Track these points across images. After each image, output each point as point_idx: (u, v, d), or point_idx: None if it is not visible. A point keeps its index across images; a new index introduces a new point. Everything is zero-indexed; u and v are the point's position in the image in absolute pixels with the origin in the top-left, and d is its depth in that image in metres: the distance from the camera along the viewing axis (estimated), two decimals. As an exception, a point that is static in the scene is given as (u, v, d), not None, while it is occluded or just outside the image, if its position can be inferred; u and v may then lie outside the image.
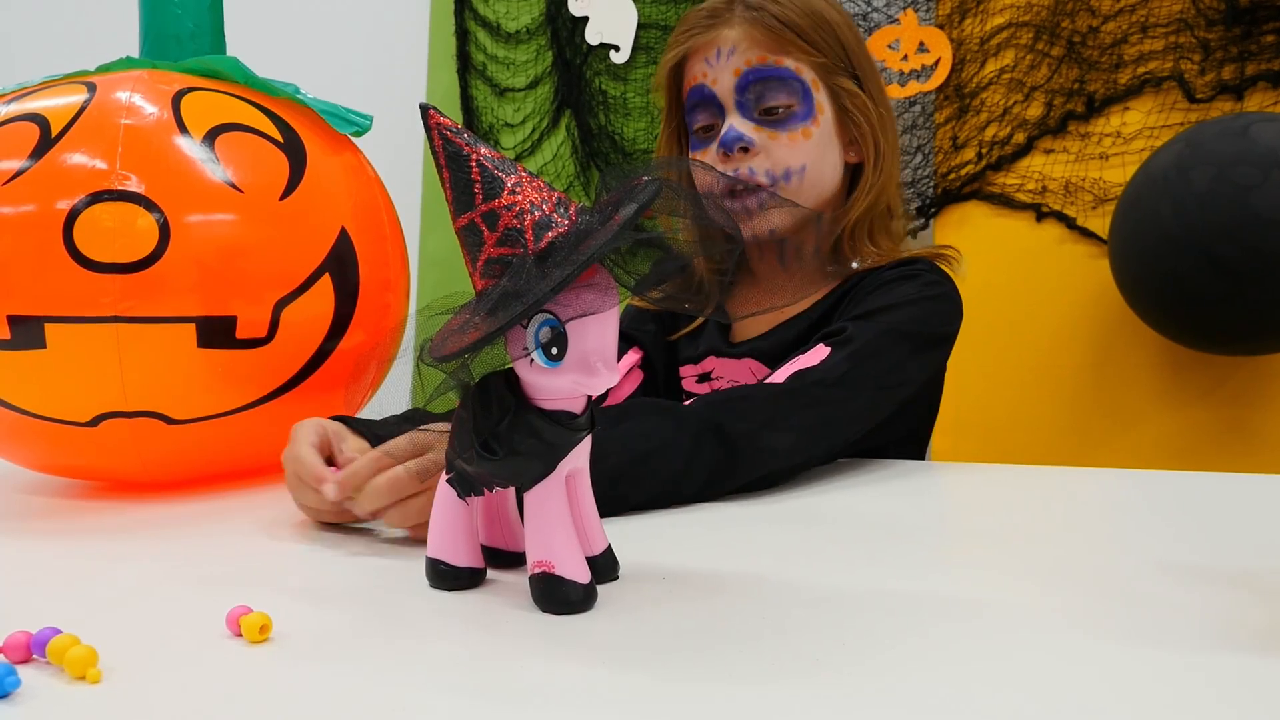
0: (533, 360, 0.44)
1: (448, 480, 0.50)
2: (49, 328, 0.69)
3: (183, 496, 0.77)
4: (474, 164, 0.44)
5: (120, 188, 0.70)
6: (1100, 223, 1.56)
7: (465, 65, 2.13)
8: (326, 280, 0.78)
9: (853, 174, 0.92)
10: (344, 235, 0.80)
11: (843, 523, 0.64)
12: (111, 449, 0.74)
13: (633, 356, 0.99)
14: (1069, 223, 1.59)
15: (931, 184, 1.69)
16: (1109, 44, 1.58)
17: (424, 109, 0.45)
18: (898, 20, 1.69)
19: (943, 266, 0.90)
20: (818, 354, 0.77)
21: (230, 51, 0.86)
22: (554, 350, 0.44)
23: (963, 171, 1.66)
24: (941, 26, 1.67)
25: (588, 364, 0.44)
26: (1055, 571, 0.52)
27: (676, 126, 0.95)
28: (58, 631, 0.42)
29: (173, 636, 0.45)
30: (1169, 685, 0.37)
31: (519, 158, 2.08)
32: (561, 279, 0.41)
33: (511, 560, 0.53)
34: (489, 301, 0.44)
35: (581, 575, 0.47)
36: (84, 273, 0.69)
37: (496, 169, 0.45)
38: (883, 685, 0.38)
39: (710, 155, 0.89)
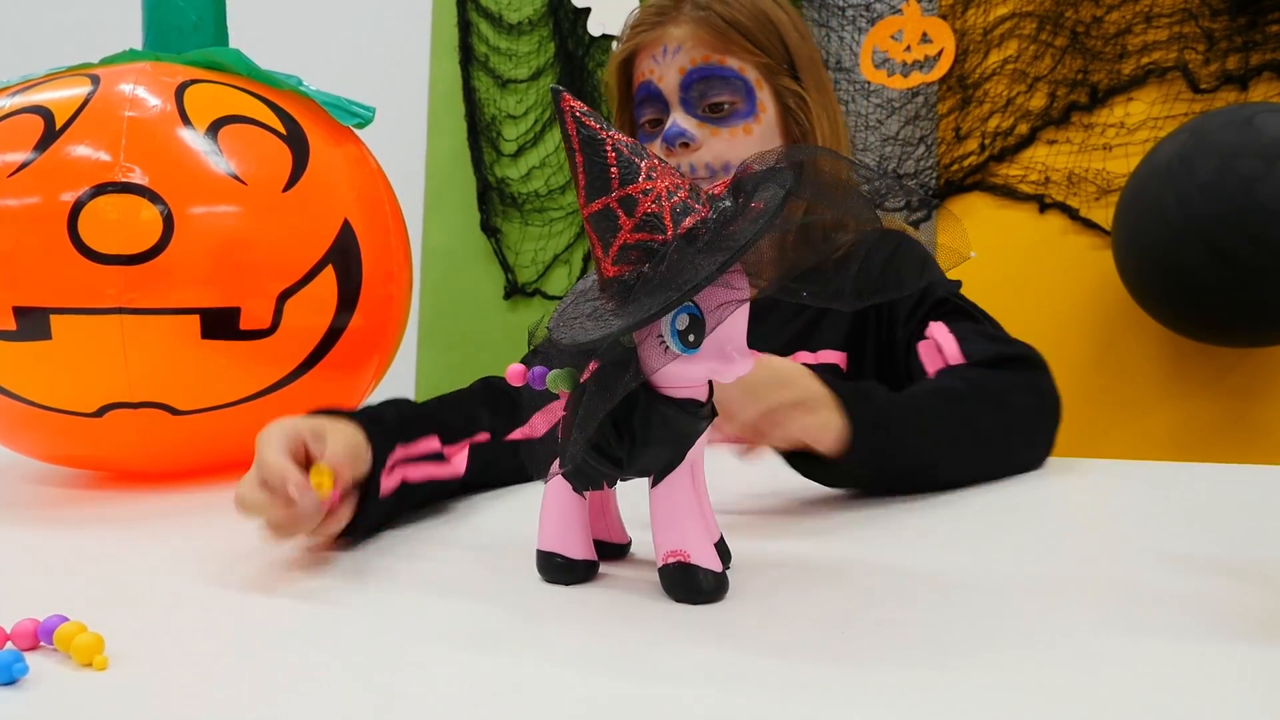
0: (667, 347, 0.44)
1: (563, 474, 0.49)
2: (54, 319, 0.70)
3: (187, 487, 0.77)
4: (609, 148, 0.44)
5: (124, 180, 0.70)
6: (1103, 214, 1.56)
7: (468, 57, 2.12)
8: (329, 272, 0.78)
9: None
10: (347, 227, 0.80)
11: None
12: (116, 439, 0.75)
13: None
14: (1072, 214, 1.59)
15: (934, 175, 1.69)
16: (1113, 34, 1.57)
17: (556, 93, 0.45)
18: (901, 10, 1.68)
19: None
20: (948, 338, 0.81)
21: (232, 44, 0.86)
22: (691, 337, 0.44)
23: (965, 163, 1.65)
24: (944, 17, 1.66)
25: (724, 351, 0.44)
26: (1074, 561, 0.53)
27: (628, 120, 0.97)
28: (64, 619, 0.42)
29: (180, 624, 0.45)
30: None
31: (520, 150, 2.08)
32: (723, 263, 0.41)
33: (614, 552, 0.53)
34: (625, 288, 0.44)
35: (714, 563, 0.47)
36: (89, 264, 0.69)
37: (632, 154, 0.44)
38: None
39: (655, 149, 0.91)
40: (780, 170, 0.46)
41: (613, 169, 0.45)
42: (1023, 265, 1.61)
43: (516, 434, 0.71)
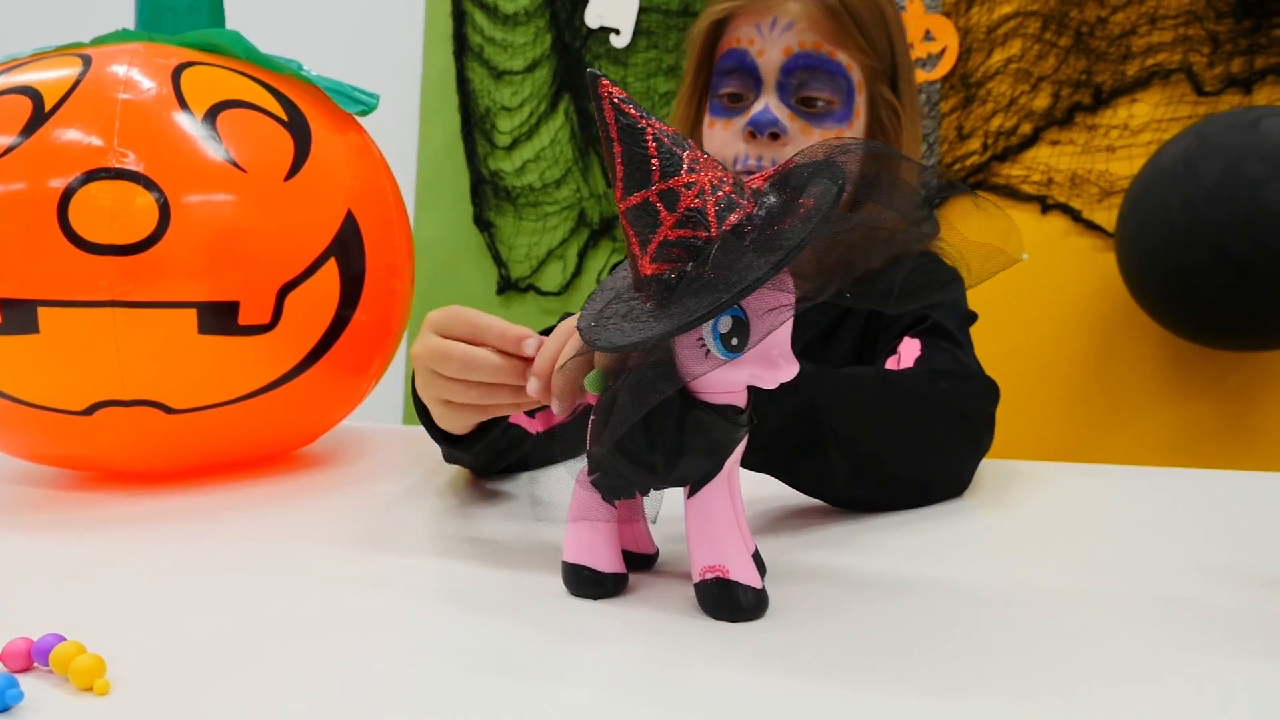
0: (708, 351, 0.42)
1: (591, 482, 0.47)
2: (43, 312, 0.66)
3: (183, 488, 0.74)
4: (650, 138, 0.42)
5: (118, 165, 0.67)
6: (1106, 215, 1.55)
7: (462, 47, 2.09)
8: (332, 265, 0.75)
9: None
10: (350, 218, 0.77)
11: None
12: (108, 439, 0.71)
13: None
14: (1074, 215, 1.58)
15: (936, 174, 1.67)
16: (1117, 35, 1.56)
17: (593, 78, 0.42)
18: (904, 7, 1.66)
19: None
20: (912, 354, 0.75)
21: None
22: (734, 341, 0.41)
23: (968, 162, 1.64)
24: (948, 14, 1.65)
25: (768, 356, 0.42)
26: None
27: (702, 86, 0.87)
28: (61, 638, 0.39)
29: (187, 642, 0.42)
30: None
31: (515, 143, 2.05)
32: (777, 262, 0.39)
33: (641, 563, 0.51)
34: (665, 288, 0.41)
35: (754, 579, 0.45)
36: (79, 254, 0.66)
37: (673, 145, 0.42)
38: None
39: (733, 128, 0.83)
40: (831, 165, 0.44)
41: (653, 160, 0.43)
42: (1024, 267, 1.58)
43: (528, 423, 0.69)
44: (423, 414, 0.66)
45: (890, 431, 0.63)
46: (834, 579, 0.50)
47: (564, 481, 0.50)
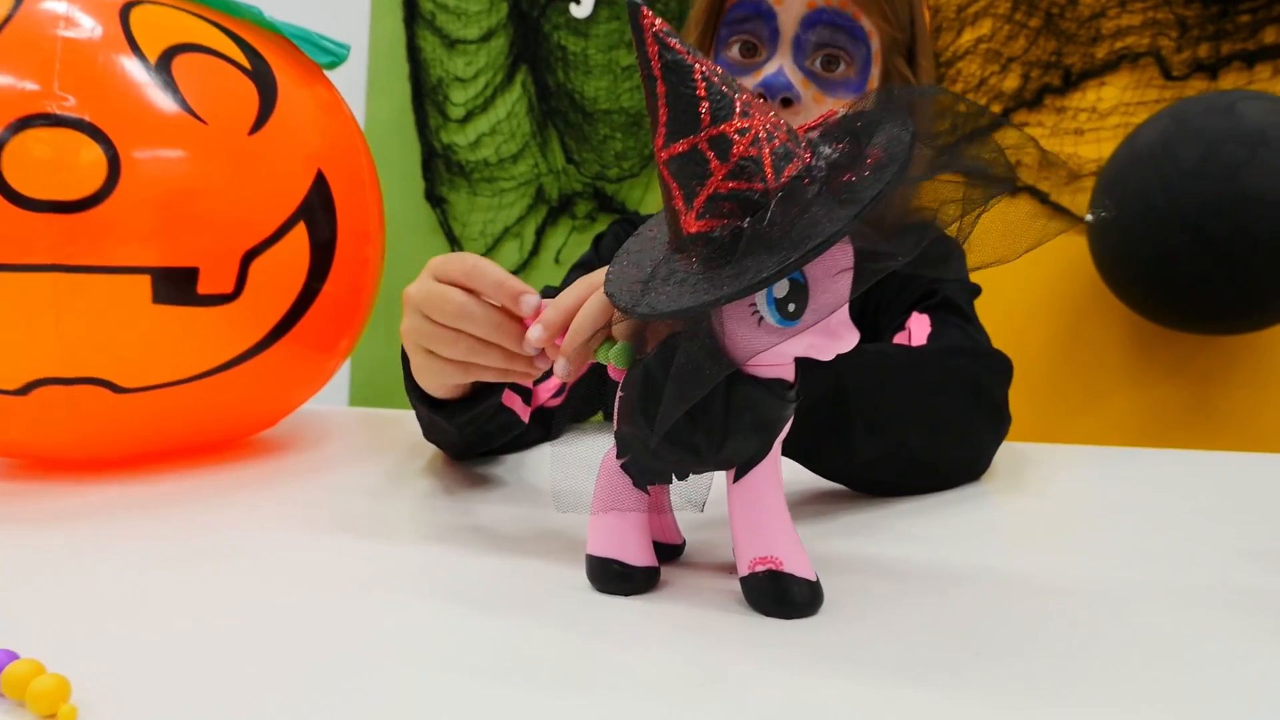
0: (761, 318, 0.37)
1: (622, 466, 0.42)
2: (-30, 276, 0.58)
3: (132, 477, 0.67)
4: (699, 77, 0.37)
5: (58, 112, 0.59)
6: (1072, 199, 1.54)
7: (412, 14, 2.00)
8: (301, 229, 0.68)
9: None
10: (321, 179, 0.70)
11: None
12: (46, 421, 0.63)
13: None
14: (1042, 198, 1.57)
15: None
16: (1087, 17, 1.55)
17: (633, 7, 0.37)
18: (874, -17, 1.63)
19: None
20: (922, 330, 0.71)
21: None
22: (791, 307, 0.37)
23: (937, 143, 1.62)
24: (919, -8, 1.63)
25: (828, 324, 0.38)
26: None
27: (709, 34, 0.80)
28: (14, 656, 0.33)
29: (160, 655, 0.36)
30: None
31: (469, 115, 1.97)
32: (853, 217, 0.34)
33: (667, 554, 0.47)
34: (716, 247, 0.36)
35: (808, 571, 0.40)
36: (15, 211, 0.58)
37: (724, 85, 0.37)
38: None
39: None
40: (895, 112, 0.39)
41: (703, 103, 0.38)
42: (991, 249, 1.59)
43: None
44: (407, 371, 0.60)
45: (916, 413, 0.60)
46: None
47: (585, 465, 0.45)
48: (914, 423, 0.60)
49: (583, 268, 0.93)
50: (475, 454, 0.69)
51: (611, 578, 0.43)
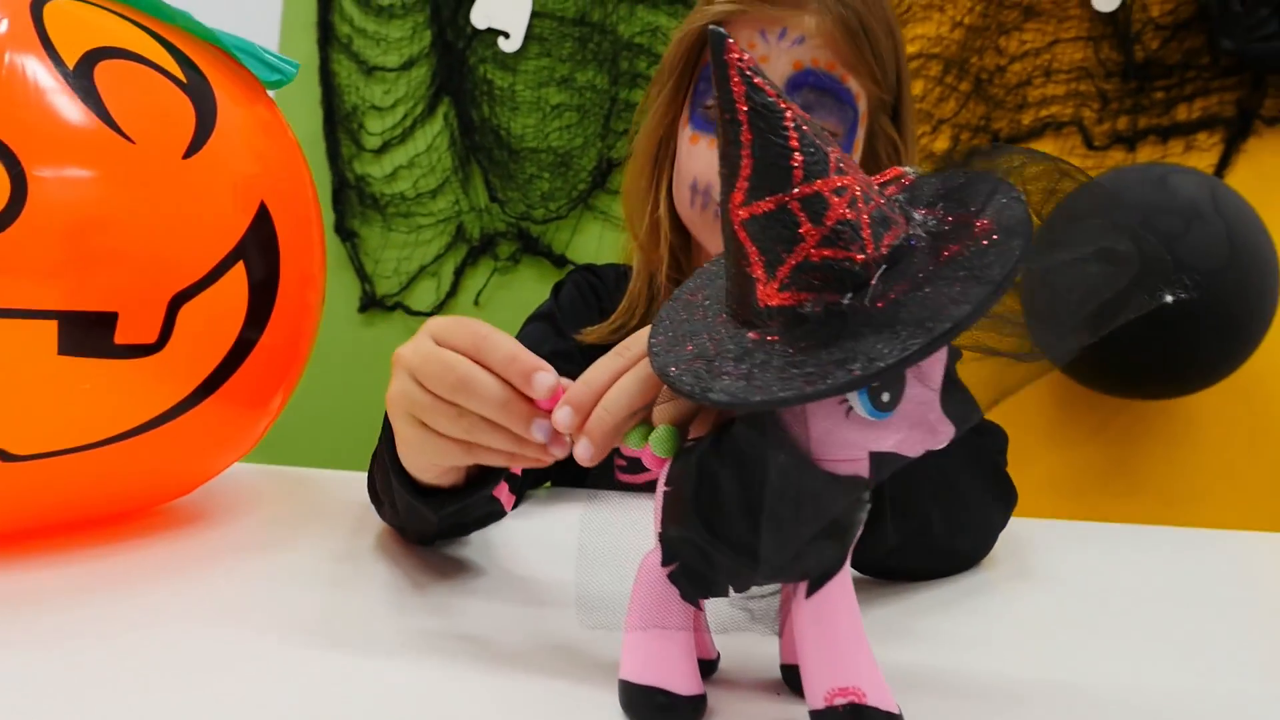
0: (850, 409, 0.32)
1: (670, 577, 0.36)
2: None
3: (25, 558, 0.55)
4: (790, 125, 0.32)
5: (-52, 119, 0.49)
6: (1000, 260, 1.57)
7: (327, 36, 1.89)
8: (239, 270, 0.59)
9: None
10: (264, 212, 0.61)
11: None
12: (-91, 494, 0.52)
13: None
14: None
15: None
16: (1015, 84, 1.59)
17: (718, 37, 0.32)
18: (810, 38, 1.64)
19: None
20: None
21: None
22: (885, 397, 0.32)
23: (870, 199, 1.63)
24: (854, 49, 1.64)
25: (925, 416, 0.32)
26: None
27: (683, 93, 0.77)
28: None
29: None
30: None
31: (386, 146, 1.88)
32: (986, 297, 0.29)
33: (703, 671, 0.40)
34: (810, 323, 0.31)
35: (891, 704, 0.34)
36: (-115, 237, 0.47)
37: (817, 136, 0.32)
38: None
39: (717, 145, 0.74)
40: (996, 178, 0.35)
41: (795, 155, 0.32)
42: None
43: None
44: (387, 443, 0.51)
45: (938, 497, 0.56)
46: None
47: (616, 571, 0.38)
48: (939, 503, 0.55)
49: (542, 319, 0.86)
50: (439, 542, 0.60)
51: (657, 710, 0.36)
